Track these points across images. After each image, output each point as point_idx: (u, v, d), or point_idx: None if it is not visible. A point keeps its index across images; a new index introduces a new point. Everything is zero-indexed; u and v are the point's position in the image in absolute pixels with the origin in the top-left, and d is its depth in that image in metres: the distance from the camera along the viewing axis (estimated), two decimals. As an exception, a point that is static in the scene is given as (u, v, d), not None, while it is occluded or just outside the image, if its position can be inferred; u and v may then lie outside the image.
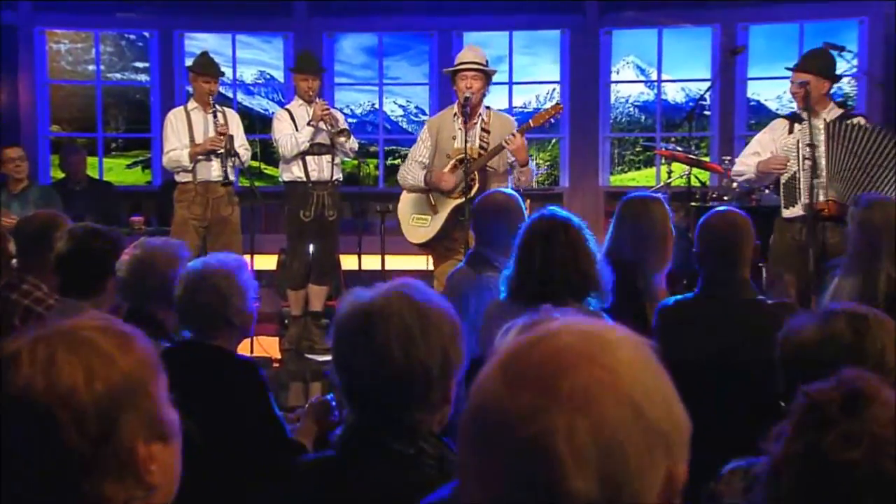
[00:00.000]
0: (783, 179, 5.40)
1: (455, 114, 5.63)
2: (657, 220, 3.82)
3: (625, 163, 9.70)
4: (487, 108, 5.71)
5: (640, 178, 9.56)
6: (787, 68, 5.52)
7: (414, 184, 5.70)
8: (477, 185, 5.41)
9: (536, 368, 0.96)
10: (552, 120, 5.54)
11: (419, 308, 1.72)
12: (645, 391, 0.96)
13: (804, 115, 5.32)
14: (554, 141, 9.61)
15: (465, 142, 5.38)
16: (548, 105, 9.15)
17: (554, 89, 9.62)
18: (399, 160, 9.77)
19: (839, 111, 5.43)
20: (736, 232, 3.24)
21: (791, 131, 5.44)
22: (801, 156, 5.25)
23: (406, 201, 5.80)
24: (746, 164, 5.58)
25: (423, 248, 5.77)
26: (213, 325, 2.87)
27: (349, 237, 7.56)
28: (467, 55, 5.63)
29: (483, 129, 5.61)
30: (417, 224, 5.69)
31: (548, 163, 9.63)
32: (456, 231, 5.48)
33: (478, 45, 6.10)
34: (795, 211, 5.31)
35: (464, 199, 5.25)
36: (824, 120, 5.27)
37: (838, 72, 5.56)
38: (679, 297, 3.32)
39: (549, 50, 9.52)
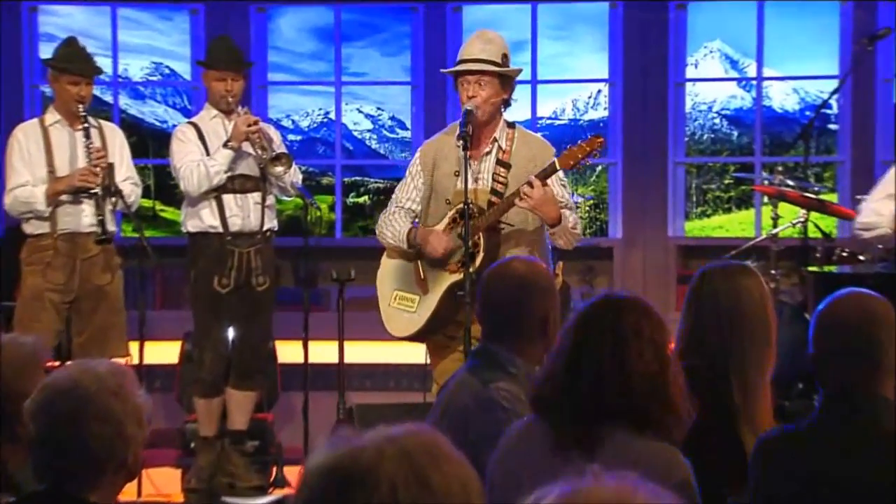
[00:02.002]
0: None
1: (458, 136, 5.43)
2: (753, 300, 3.87)
3: (707, 202, 9.77)
4: (511, 126, 5.63)
5: (731, 226, 9.64)
6: None
7: (394, 243, 5.63)
8: (482, 254, 5.34)
9: None
10: (588, 160, 5.39)
11: (422, 476, 1.74)
12: None
13: None
14: (600, 169, 9.67)
15: (467, 181, 5.25)
16: (587, 125, 9.24)
17: (600, 91, 9.71)
18: (366, 198, 9.83)
19: None
20: (873, 326, 3.26)
21: None
22: None
23: (387, 270, 5.76)
24: (880, 212, 5.69)
25: (411, 339, 5.71)
26: (97, 472, 2.87)
27: (289, 314, 7.60)
28: (472, 48, 5.53)
29: (500, 163, 5.53)
30: (400, 307, 5.64)
31: (591, 202, 9.63)
32: (459, 314, 5.33)
33: (491, 29, 6.06)
34: None
35: (464, 275, 5.18)
36: None
37: None
38: (789, 426, 3.34)
39: (593, 32, 9.63)
